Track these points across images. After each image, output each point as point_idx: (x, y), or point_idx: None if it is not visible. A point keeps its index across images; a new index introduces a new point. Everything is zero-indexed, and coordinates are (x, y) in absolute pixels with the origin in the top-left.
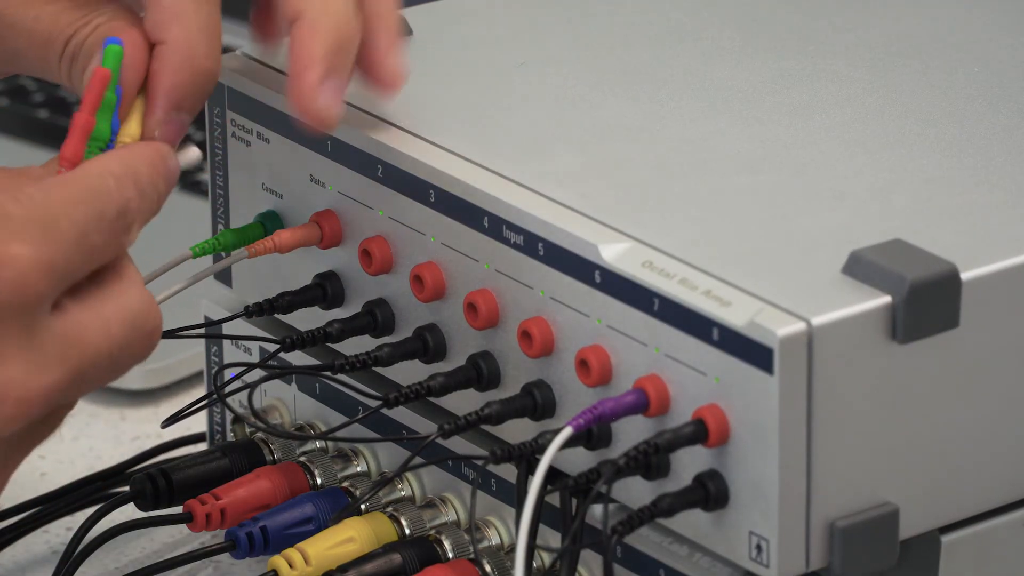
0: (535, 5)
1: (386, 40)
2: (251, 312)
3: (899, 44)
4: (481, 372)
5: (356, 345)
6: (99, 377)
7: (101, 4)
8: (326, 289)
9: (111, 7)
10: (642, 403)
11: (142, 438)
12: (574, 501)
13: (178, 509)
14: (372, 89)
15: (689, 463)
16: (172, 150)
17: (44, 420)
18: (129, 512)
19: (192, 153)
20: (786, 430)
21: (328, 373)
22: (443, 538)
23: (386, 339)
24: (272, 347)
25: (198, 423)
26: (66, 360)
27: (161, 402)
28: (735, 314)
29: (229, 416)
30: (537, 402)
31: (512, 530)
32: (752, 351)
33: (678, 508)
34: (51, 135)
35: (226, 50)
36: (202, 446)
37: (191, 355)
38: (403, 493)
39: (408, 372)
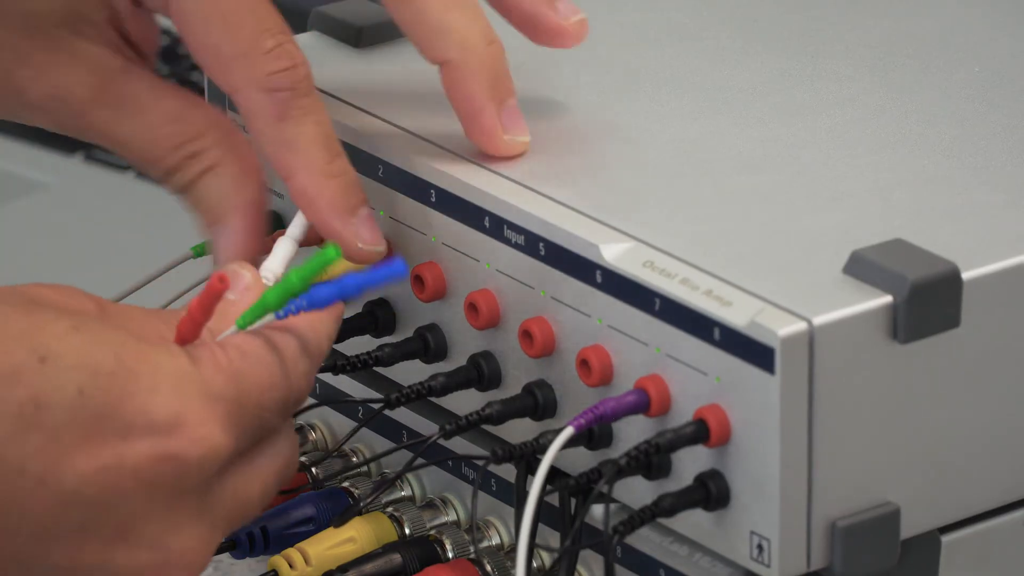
0: None
1: (531, 5)
2: None
3: (899, 44)
4: (482, 372)
5: (357, 345)
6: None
7: (192, 121)
8: None
9: (209, 132)
10: (643, 403)
11: None
12: (574, 501)
13: None
14: (556, 45)
15: (690, 463)
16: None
17: None
18: None
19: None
20: (787, 430)
21: (329, 374)
22: (443, 538)
23: (387, 339)
24: None
25: None
26: (231, 521)
27: None
28: (736, 314)
29: None
30: (538, 402)
31: (512, 530)
32: (753, 351)
33: (679, 508)
34: (51, 135)
35: None
36: None
37: None
38: (403, 493)
39: (409, 372)
